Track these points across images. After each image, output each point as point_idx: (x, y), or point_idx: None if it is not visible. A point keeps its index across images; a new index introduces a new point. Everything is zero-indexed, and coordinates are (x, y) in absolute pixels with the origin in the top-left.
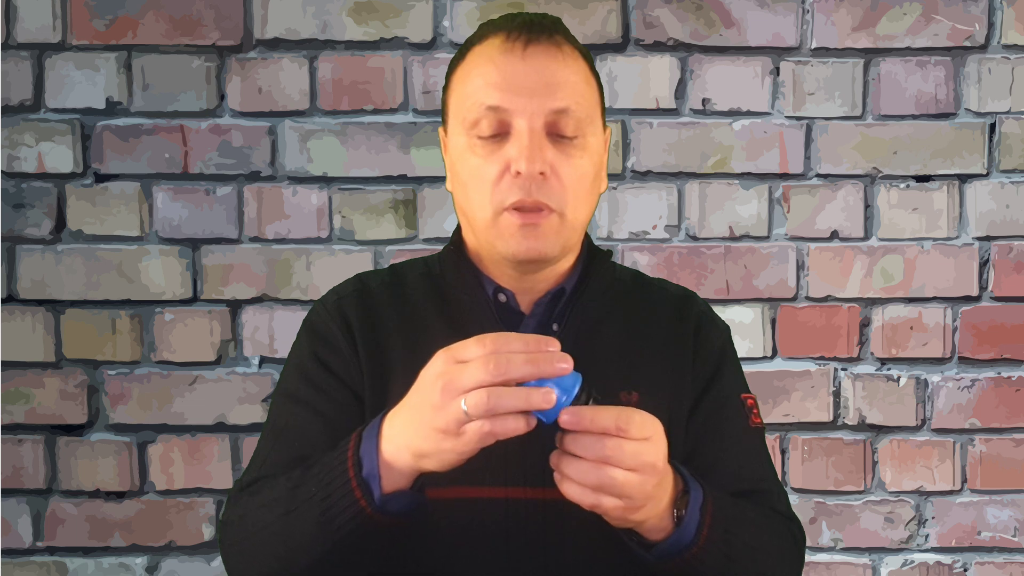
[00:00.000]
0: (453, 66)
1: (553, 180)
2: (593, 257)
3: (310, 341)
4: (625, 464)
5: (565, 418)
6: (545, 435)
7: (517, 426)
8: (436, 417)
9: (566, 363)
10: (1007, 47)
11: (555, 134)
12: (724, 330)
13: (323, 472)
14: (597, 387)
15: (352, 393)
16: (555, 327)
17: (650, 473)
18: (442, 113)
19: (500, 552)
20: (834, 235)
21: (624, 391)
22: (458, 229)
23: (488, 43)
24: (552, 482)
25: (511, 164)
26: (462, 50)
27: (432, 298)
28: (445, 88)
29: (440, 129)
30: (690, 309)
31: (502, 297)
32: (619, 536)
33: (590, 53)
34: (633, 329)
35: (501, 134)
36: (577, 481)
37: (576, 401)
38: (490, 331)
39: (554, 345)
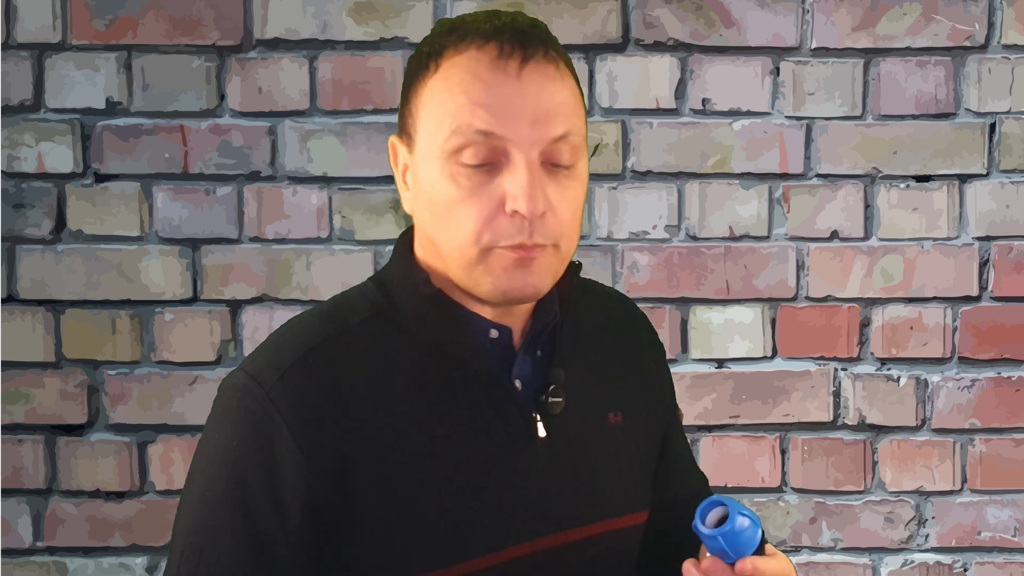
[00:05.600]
0: (419, 73)
1: (550, 217)
2: (567, 272)
3: (242, 451)
4: None
5: (744, 567)
6: (562, 476)
7: None
8: None
9: None
10: (1007, 47)
11: (550, 163)
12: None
13: None
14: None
15: (305, 520)
16: (539, 353)
17: None
18: (401, 123)
19: None
20: (834, 235)
21: (611, 412)
22: (403, 252)
23: (470, 55)
24: (578, 523)
25: (507, 202)
26: (429, 56)
27: (399, 348)
28: (407, 96)
29: (393, 138)
30: (636, 316)
31: (494, 333)
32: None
33: (571, 62)
34: (599, 342)
35: (491, 163)
36: None
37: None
38: (483, 373)
39: None
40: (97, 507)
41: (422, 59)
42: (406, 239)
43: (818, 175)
